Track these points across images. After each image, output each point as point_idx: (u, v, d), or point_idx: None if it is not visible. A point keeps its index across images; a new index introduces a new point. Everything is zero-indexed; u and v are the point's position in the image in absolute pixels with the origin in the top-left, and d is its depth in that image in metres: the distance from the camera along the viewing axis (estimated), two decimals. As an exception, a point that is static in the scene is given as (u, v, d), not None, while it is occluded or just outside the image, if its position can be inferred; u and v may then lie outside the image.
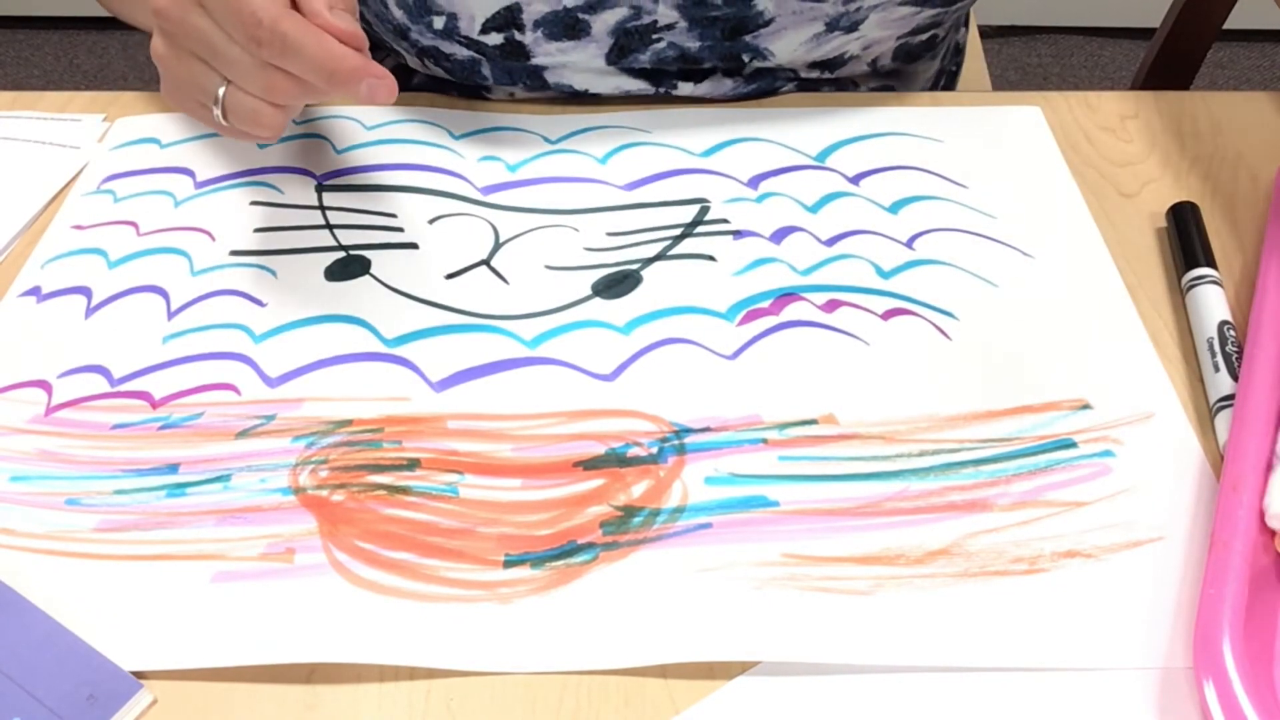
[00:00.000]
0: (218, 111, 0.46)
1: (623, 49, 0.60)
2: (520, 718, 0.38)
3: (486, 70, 0.62)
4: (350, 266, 0.54)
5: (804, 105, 0.63)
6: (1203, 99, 0.64)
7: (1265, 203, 0.56)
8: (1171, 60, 0.86)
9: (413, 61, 0.64)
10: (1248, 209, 0.56)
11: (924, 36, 0.66)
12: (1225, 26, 0.86)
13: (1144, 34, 0.87)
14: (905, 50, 0.66)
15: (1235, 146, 0.61)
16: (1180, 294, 0.52)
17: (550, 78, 0.62)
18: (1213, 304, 0.50)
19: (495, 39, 0.60)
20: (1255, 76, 1.87)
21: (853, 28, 0.61)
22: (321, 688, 0.39)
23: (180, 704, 0.39)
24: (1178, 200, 0.55)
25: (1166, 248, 0.55)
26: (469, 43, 0.60)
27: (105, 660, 0.39)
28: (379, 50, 0.68)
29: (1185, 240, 0.53)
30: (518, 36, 0.59)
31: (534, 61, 0.61)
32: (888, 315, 0.51)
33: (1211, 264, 0.52)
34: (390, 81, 0.44)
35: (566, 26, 0.59)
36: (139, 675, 0.39)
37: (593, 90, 0.62)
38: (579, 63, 0.61)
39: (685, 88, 0.62)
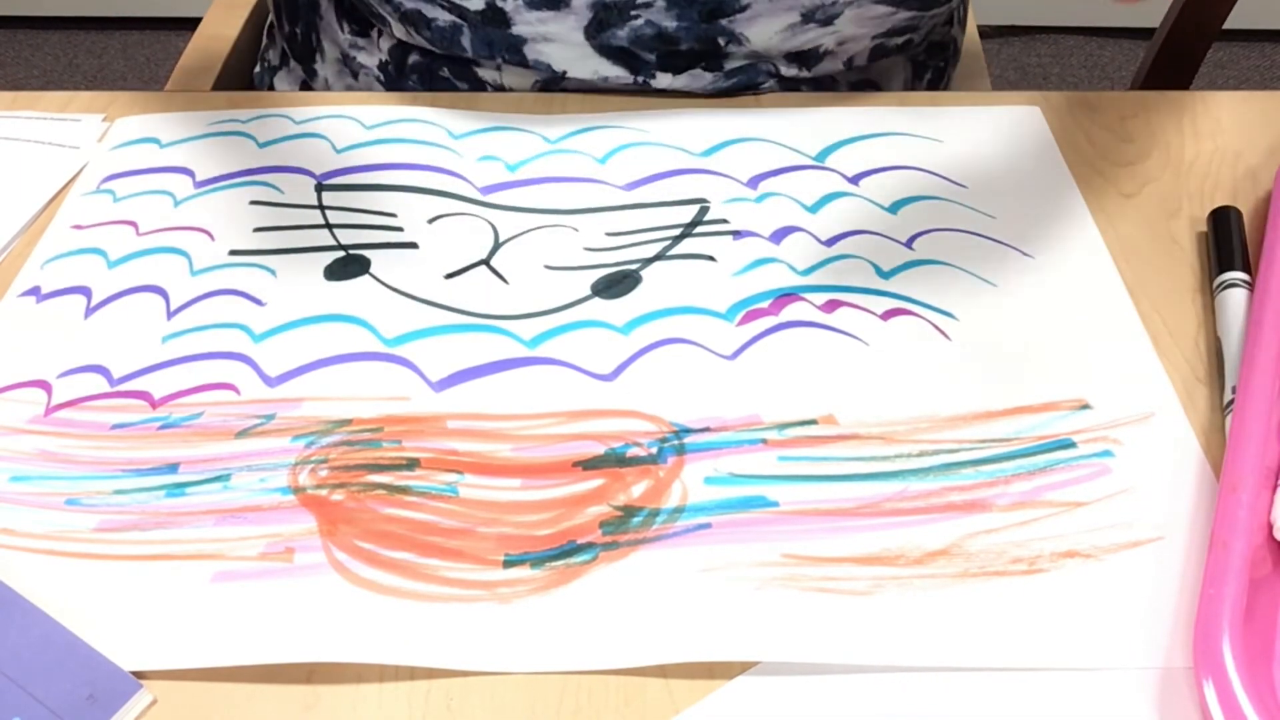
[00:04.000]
0: None
1: (601, 23, 0.60)
2: (520, 718, 0.38)
3: (466, 40, 0.62)
4: (350, 266, 0.54)
5: (803, 105, 0.63)
6: (1203, 99, 0.64)
7: (1265, 203, 0.56)
8: (1171, 60, 0.86)
9: (397, 29, 0.65)
10: (1247, 209, 0.56)
11: (899, 40, 0.67)
12: (1225, 26, 0.86)
13: (1144, 34, 0.87)
14: (881, 51, 0.67)
15: (1235, 146, 0.61)
16: (1181, 293, 0.52)
17: (529, 52, 0.62)
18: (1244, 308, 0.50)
19: (477, 4, 0.60)
20: (1255, 76, 1.87)
21: (828, 21, 0.61)
22: (321, 688, 0.39)
23: (180, 704, 0.39)
24: (1217, 205, 0.55)
25: (1166, 247, 0.55)
26: (451, 7, 0.61)
27: (105, 660, 0.39)
28: (370, 21, 0.68)
29: (1224, 242, 0.53)
30: (499, 3, 0.60)
31: (513, 30, 0.61)
32: (887, 315, 0.51)
33: (1249, 268, 0.51)
34: None
35: None
36: (139, 675, 0.39)
37: (571, 73, 0.63)
38: (557, 34, 0.61)
39: (664, 79, 0.63)
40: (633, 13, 0.60)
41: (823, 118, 0.62)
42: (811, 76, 0.65)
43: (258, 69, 0.79)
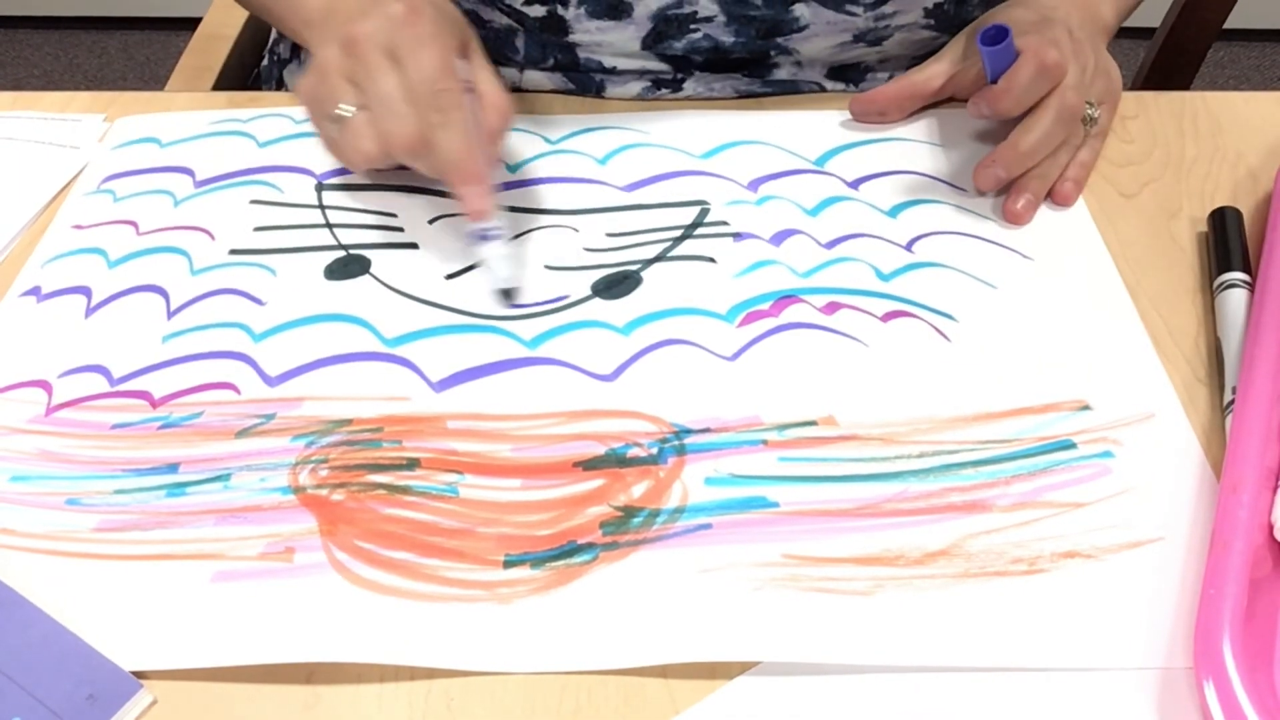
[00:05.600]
0: (334, 127, 0.52)
1: (660, 34, 0.61)
2: (520, 718, 0.38)
3: (520, 42, 0.63)
4: (350, 266, 0.54)
5: (803, 107, 0.63)
6: (1203, 99, 0.64)
7: (1265, 203, 0.56)
8: (1171, 60, 0.86)
9: None
10: (1247, 209, 0.56)
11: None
12: (1225, 26, 0.86)
13: (1144, 34, 0.87)
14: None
15: (1235, 146, 0.61)
16: (1181, 293, 0.52)
17: (582, 54, 0.63)
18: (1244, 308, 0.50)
19: (538, 11, 0.60)
20: (1255, 76, 1.87)
21: (877, 42, 0.63)
22: (321, 688, 0.39)
23: (180, 704, 0.39)
24: (1218, 206, 0.55)
25: (1166, 248, 0.55)
26: (510, 11, 0.61)
27: (105, 660, 0.39)
28: None
29: (1224, 243, 0.53)
30: (560, 11, 0.60)
31: (571, 38, 0.61)
32: (887, 317, 0.51)
33: (1249, 269, 0.51)
34: (488, 207, 0.51)
35: (610, 6, 0.60)
36: (139, 675, 0.39)
37: (620, 68, 0.63)
38: (615, 44, 0.62)
39: (703, 76, 0.63)
40: (692, 26, 0.61)
41: (822, 122, 0.62)
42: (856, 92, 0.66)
43: (265, 63, 0.79)
